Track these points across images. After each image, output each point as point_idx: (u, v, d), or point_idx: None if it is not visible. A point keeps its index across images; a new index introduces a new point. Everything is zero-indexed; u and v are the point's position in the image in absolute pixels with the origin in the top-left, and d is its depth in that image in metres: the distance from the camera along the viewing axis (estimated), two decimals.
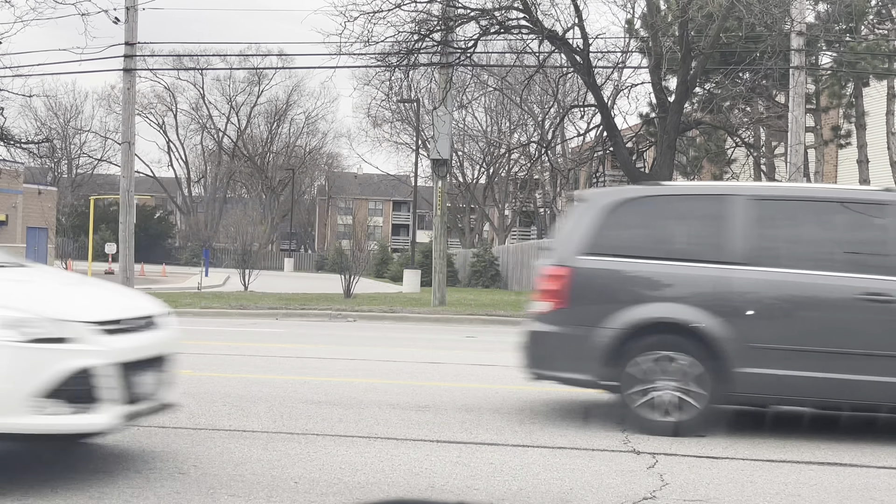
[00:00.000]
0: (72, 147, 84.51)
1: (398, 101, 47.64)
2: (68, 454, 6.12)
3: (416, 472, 5.91)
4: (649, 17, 22.28)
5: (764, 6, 19.74)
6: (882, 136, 27.14)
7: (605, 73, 37.78)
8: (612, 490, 5.62)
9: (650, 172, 23.03)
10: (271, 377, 9.98)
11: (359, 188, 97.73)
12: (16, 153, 30.15)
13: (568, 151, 50.86)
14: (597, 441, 6.96)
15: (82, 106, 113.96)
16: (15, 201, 53.87)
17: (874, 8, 26.16)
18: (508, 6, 20.99)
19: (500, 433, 7.18)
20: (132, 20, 24.53)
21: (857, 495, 5.69)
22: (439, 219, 25.81)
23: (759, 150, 31.99)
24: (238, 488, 5.44)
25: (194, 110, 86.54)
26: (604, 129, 27.83)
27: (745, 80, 25.59)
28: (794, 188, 10.18)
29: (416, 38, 20.95)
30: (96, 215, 56.23)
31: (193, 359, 11.72)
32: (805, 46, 21.44)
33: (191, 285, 36.04)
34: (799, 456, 6.65)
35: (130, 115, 25.55)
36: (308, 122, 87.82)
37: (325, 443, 6.66)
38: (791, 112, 21.57)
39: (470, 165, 64.33)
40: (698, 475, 6.01)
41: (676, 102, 21.94)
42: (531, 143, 45.87)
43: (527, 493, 5.53)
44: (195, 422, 7.30)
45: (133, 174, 25.58)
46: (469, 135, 59.55)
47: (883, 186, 9.05)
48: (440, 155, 24.81)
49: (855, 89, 26.56)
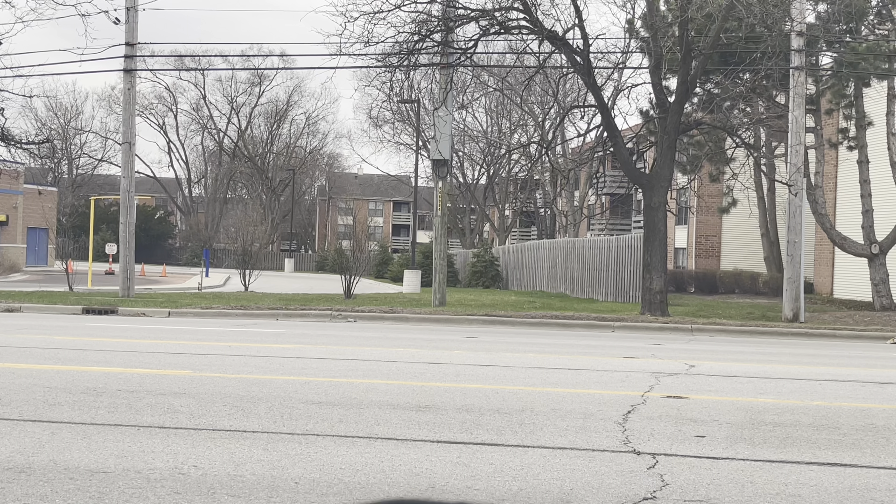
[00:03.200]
0: (72, 147, 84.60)
1: (399, 102, 47.73)
2: (68, 454, 6.12)
3: (417, 473, 5.91)
4: (649, 17, 22.28)
5: (764, 6, 19.74)
6: (882, 137, 27.13)
7: (605, 74, 37.80)
8: (612, 490, 5.62)
9: (650, 173, 23.04)
10: (271, 377, 9.98)
11: (359, 188, 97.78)
12: (16, 153, 30.15)
13: (568, 152, 50.87)
14: (597, 441, 6.96)
15: (82, 106, 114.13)
16: (15, 201, 53.88)
17: (874, 8, 26.14)
18: (508, 7, 21.00)
19: (500, 433, 7.18)
20: (132, 20, 24.55)
21: (857, 495, 5.69)
22: (440, 219, 25.82)
23: (759, 151, 31.99)
24: (238, 488, 5.44)
25: (195, 111, 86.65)
26: (604, 129, 27.80)
27: (745, 80, 25.58)
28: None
29: (416, 39, 20.96)
30: (97, 215, 56.23)
31: (193, 359, 11.73)
32: (805, 47, 21.45)
33: (191, 285, 36.04)
34: (799, 456, 6.65)
35: (131, 115, 25.56)
36: (308, 123, 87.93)
37: (325, 443, 6.67)
38: (791, 112, 21.58)
39: (470, 166, 64.35)
40: (698, 475, 6.01)
41: (676, 103, 21.94)
42: (531, 144, 45.86)
43: (527, 493, 5.53)
44: (195, 422, 7.30)
45: (133, 174, 25.60)
46: (469, 135, 59.56)
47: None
48: (441, 155, 24.82)
49: (855, 90, 26.55)
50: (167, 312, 20.48)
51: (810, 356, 14.55)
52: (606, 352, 14.34)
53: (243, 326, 17.66)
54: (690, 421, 7.84)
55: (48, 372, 9.99)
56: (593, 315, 21.31)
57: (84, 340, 13.88)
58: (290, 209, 79.30)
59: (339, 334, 16.42)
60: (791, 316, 21.30)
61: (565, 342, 16.01)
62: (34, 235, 56.66)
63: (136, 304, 22.17)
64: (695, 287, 39.85)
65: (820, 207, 26.89)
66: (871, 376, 11.68)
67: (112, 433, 6.81)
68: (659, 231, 21.87)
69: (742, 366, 12.40)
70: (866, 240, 26.67)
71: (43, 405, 7.89)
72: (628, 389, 9.62)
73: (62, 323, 17.69)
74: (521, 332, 18.67)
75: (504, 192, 62.63)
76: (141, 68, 44.05)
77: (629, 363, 12.34)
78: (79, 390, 8.69)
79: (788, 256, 21.69)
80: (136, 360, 11.36)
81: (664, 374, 10.94)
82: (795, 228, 21.38)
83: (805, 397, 9.48)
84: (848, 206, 32.05)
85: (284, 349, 13.40)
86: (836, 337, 18.83)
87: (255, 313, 20.67)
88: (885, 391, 10.24)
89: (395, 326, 19.12)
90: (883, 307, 25.76)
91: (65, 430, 6.91)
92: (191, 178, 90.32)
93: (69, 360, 11.06)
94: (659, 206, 22.00)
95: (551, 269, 38.01)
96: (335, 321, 19.96)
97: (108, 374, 9.90)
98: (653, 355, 13.63)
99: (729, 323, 20.05)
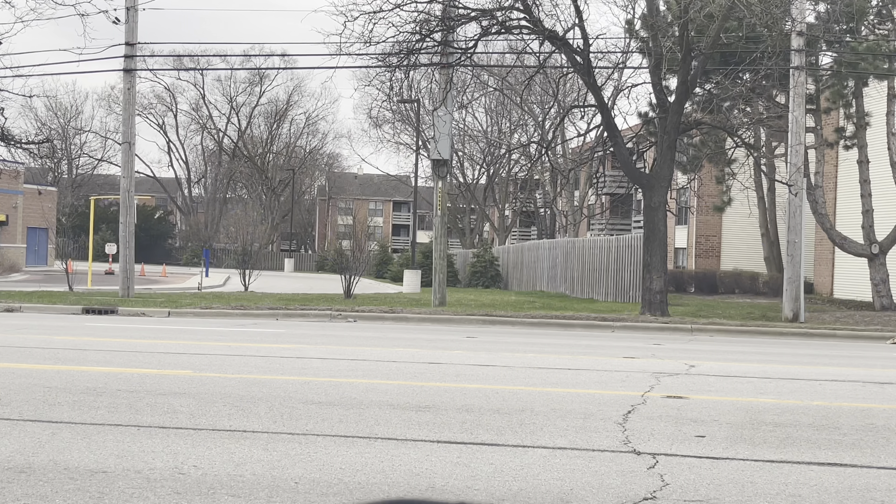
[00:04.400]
0: (72, 147, 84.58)
1: (399, 102, 47.71)
2: (68, 454, 6.12)
3: (417, 473, 5.91)
4: (649, 17, 22.28)
5: (764, 6, 19.74)
6: (882, 137, 27.14)
7: (605, 74, 37.85)
8: (612, 490, 5.62)
9: (650, 173, 23.04)
10: (272, 377, 9.97)
11: (359, 188, 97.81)
12: (16, 153, 30.17)
13: (568, 152, 50.87)
14: (597, 441, 6.96)
15: (82, 106, 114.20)
16: (15, 201, 53.88)
17: (874, 8, 26.15)
18: (509, 6, 20.99)
19: (500, 433, 7.18)
20: (132, 20, 24.54)
21: (857, 495, 5.69)
22: (439, 219, 25.82)
23: (759, 151, 31.98)
24: (238, 488, 5.44)
25: (194, 110, 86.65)
26: (604, 129, 27.82)
27: (745, 80, 25.58)
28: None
29: (416, 39, 20.95)
30: (96, 215, 56.24)
31: (194, 359, 11.73)
32: (805, 47, 21.44)
33: (191, 285, 36.04)
34: (799, 456, 6.65)
35: (130, 115, 25.56)
36: (308, 123, 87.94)
37: (325, 443, 6.66)
38: (791, 112, 21.58)
39: (470, 166, 64.36)
40: (699, 475, 6.01)
41: (676, 102, 21.94)
42: (531, 144, 45.86)
43: (527, 493, 5.52)
44: (195, 422, 7.30)
45: (133, 174, 25.60)
46: (469, 135, 59.58)
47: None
48: (440, 155, 24.82)
49: (855, 89, 26.56)
50: (167, 312, 20.48)
51: (810, 356, 14.55)
52: (606, 352, 14.34)
53: (243, 326, 17.66)
54: (690, 421, 7.84)
55: (48, 372, 9.99)
56: (593, 315, 21.31)
57: (84, 340, 13.88)
58: (290, 209, 79.30)
59: (339, 334, 16.42)
60: (791, 316, 21.30)
61: (565, 342, 16.01)
62: (34, 235, 56.67)
63: (136, 303, 22.17)
64: (695, 287, 39.86)
65: (820, 207, 26.89)
66: (871, 376, 11.67)
67: (112, 433, 6.81)
68: (659, 231, 21.87)
69: (742, 366, 12.40)
70: (866, 240, 26.68)
71: (43, 405, 7.89)
72: (628, 389, 9.62)
73: (62, 323, 17.69)
74: (521, 332, 18.67)
75: (504, 192, 62.63)
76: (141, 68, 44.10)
77: (629, 363, 12.33)
78: (79, 390, 8.68)
79: (788, 256, 21.69)
80: (136, 360, 11.35)
81: (664, 374, 10.94)
82: (795, 228, 21.38)
83: (805, 397, 9.48)
84: (848, 206, 32.06)
85: (284, 349, 13.40)
86: (836, 337, 18.83)
87: (254, 313, 20.67)
88: (885, 391, 10.24)
89: (395, 326, 19.12)
90: (883, 307, 25.76)
91: (65, 430, 6.91)
92: (191, 177, 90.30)
93: (69, 360, 11.06)
94: (659, 206, 22.00)
95: (551, 269, 38.02)
96: (335, 321, 19.96)
97: (108, 374, 9.90)
98: (653, 355, 13.63)
99: (729, 323, 20.05)
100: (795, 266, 21.49)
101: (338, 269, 29.67)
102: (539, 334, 18.00)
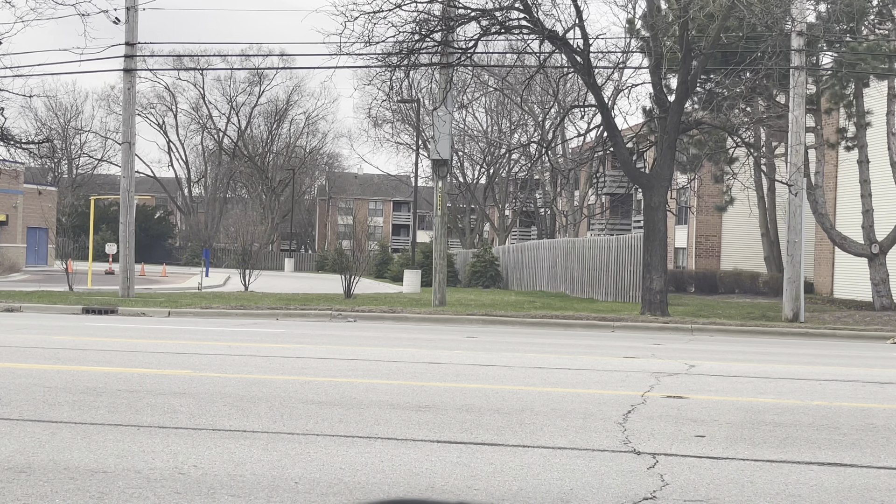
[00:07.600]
0: (72, 147, 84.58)
1: (399, 102, 47.69)
2: (68, 454, 6.12)
3: (417, 473, 5.91)
4: (650, 17, 22.28)
5: (765, 6, 19.73)
6: (882, 137, 27.13)
7: (605, 74, 37.82)
8: (612, 490, 5.62)
9: (650, 172, 23.03)
10: (272, 377, 9.97)
11: (359, 188, 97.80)
12: (16, 153, 30.18)
13: (568, 152, 50.86)
14: (597, 441, 6.95)
15: (82, 106, 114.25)
16: (15, 201, 53.89)
17: (875, 8, 26.14)
18: (509, 6, 20.99)
19: (500, 433, 7.17)
20: (132, 20, 24.54)
21: (857, 495, 5.69)
22: (440, 219, 25.82)
23: (759, 151, 31.99)
24: (238, 488, 5.44)
25: (194, 110, 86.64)
26: (604, 129, 27.81)
27: (745, 79, 25.58)
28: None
29: (416, 39, 20.95)
30: (96, 215, 56.22)
31: (193, 359, 11.73)
32: (805, 46, 21.44)
33: (191, 285, 36.04)
34: (799, 456, 6.65)
35: (130, 115, 25.55)
36: (308, 123, 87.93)
37: (325, 443, 6.66)
38: (791, 112, 21.58)
39: (470, 165, 64.35)
40: (699, 475, 6.01)
41: (677, 102, 21.94)
42: (531, 144, 45.88)
43: (527, 493, 5.52)
44: (195, 422, 7.30)
45: (133, 174, 25.60)
46: (469, 135, 59.57)
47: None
48: (440, 155, 24.82)
49: (855, 90, 26.55)
50: (167, 312, 20.48)
51: (810, 356, 14.55)
52: (606, 352, 14.34)
53: (243, 326, 17.66)
54: (690, 421, 7.84)
55: (48, 372, 9.99)
56: (593, 315, 21.30)
57: (84, 340, 13.88)
58: (290, 209, 79.28)
59: (339, 334, 16.42)
60: (791, 316, 21.30)
61: (565, 342, 16.01)
62: (34, 235, 56.68)
63: (136, 303, 22.17)
64: (695, 287, 39.86)
65: (820, 207, 26.89)
66: (871, 376, 11.67)
67: (112, 433, 6.81)
68: (659, 231, 21.87)
69: (742, 366, 12.40)
70: (866, 240, 26.67)
71: (43, 405, 7.89)
72: (628, 389, 9.62)
73: (62, 323, 17.69)
74: (521, 332, 18.67)
75: (504, 191, 62.62)
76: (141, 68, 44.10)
77: (629, 363, 12.33)
78: (79, 390, 8.68)
79: (788, 256, 21.69)
80: (136, 359, 11.35)
81: (664, 374, 10.93)
82: (795, 228, 21.38)
83: (805, 397, 9.48)
84: (848, 205, 32.05)
85: (284, 349, 13.40)
86: (836, 337, 18.83)
87: (255, 313, 20.67)
88: (885, 391, 10.24)
89: (395, 326, 19.11)
90: (883, 307, 25.76)
91: (65, 429, 6.91)
92: (191, 177, 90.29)
93: (69, 360, 11.06)
94: (659, 205, 21.99)
95: (551, 268, 38.02)
96: (335, 321, 19.96)
97: (108, 374, 9.90)
98: (653, 355, 13.63)
99: (729, 323, 20.05)
100: (795, 266, 21.48)
101: (338, 269, 29.67)
102: (539, 334, 18.00)
